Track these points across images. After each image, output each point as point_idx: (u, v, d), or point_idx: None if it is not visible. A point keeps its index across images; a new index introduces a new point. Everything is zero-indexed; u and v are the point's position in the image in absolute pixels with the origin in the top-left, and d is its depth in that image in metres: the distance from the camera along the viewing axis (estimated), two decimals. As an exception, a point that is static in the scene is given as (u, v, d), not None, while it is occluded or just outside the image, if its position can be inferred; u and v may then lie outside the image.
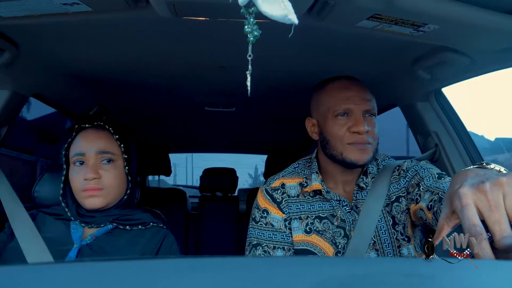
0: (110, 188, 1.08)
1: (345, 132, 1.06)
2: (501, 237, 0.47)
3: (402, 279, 0.37)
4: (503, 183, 0.49)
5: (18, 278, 0.36)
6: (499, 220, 0.48)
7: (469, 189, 0.51)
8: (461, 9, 0.83)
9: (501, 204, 0.48)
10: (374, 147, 1.08)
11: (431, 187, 0.96)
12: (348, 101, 1.06)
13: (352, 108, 1.06)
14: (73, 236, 1.08)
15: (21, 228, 1.06)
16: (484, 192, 0.50)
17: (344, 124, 1.06)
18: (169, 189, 2.89)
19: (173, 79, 1.70)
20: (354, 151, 1.05)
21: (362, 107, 1.06)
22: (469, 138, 1.56)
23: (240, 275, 0.37)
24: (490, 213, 0.48)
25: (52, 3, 0.85)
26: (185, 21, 1.00)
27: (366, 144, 1.05)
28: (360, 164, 1.06)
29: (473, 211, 0.49)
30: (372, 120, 1.08)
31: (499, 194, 0.49)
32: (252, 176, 15.27)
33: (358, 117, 1.05)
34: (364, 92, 1.08)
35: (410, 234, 1.08)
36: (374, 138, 1.07)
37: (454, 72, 1.28)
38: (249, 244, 1.12)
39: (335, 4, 0.85)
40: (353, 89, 1.08)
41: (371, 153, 1.06)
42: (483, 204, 0.49)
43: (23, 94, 1.39)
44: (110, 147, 1.10)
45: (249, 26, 0.48)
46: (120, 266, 0.41)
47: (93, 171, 1.06)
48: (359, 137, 1.04)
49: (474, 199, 0.50)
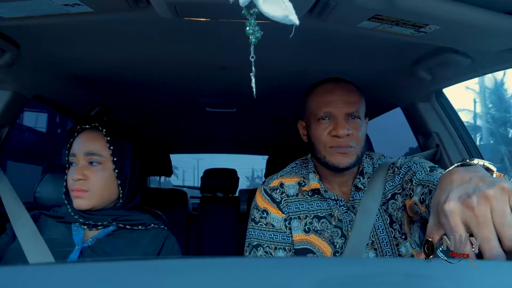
0: (96, 190, 1.08)
1: (327, 135, 1.06)
2: (490, 254, 0.47)
3: (402, 279, 0.37)
4: (490, 197, 0.49)
5: (19, 278, 0.36)
6: (488, 237, 0.48)
7: (455, 205, 0.51)
8: (462, 10, 0.83)
9: (489, 220, 0.48)
10: (359, 150, 1.07)
11: (422, 180, 0.96)
12: (330, 105, 1.06)
13: (333, 111, 1.06)
14: (75, 238, 1.08)
15: (22, 229, 1.06)
16: (471, 208, 0.49)
17: (326, 127, 1.06)
18: (170, 190, 2.88)
19: (174, 80, 1.70)
20: (335, 155, 1.05)
21: (343, 110, 1.05)
22: (470, 138, 1.56)
23: (241, 276, 0.37)
24: (479, 230, 0.48)
25: (53, 4, 0.85)
26: (186, 21, 1.00)
27: (348, 148, 1.05)
28: (341, 167, 1.06)
29: (463, 234, 0.49)
30: (356, 123, 1.07)
31: (487, 209, 0.49)
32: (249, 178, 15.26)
33: (338, 120, 1.05)
34: (348, 95, 1.07)
35: (406, 231, 1.09)
36: (357, 141, 1.06)
37: (455, 73, 1.28)
38: (248, 244, 1.12)
39: (336, 5, 0.85)
40: (336, 92, 1.07)
41: (353, 157, 1.06)
42: (471, 221, 0.49)
43: (24, 95, 1.40)
44: (98, 149, 1.09)
45: (251, 27, 0.48)
46: (121, 266, 0.41)
47: (79, 172, 1.06)
48: (339, 141, 1.04)
49: (462, 217, 0.50)
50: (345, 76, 1.15)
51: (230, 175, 2.93)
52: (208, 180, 2.90)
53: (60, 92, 1.65)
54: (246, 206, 2.58)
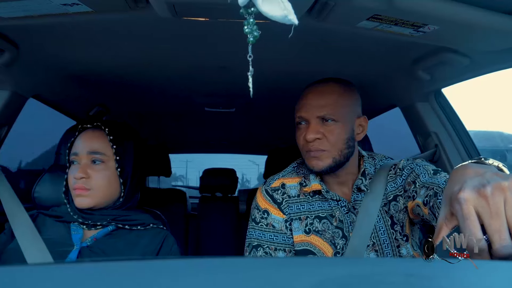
0: (98, 189, 1.08)
1: (302, 140, 1.08)
2: (500, 246, 0.47)
3: (402, 279, 0.37)
4: (504, 188, 0.49)
5: (18, 278, 0.36)
6: (499, 229, 0.47)
7: (470, 193, 0.50)
8: (461, 9, 0.83)
9: (502, 212, 0.48)
10: (335, 153, 1.06)
11: (426, 182, 0.97)
12: (302, 109, 1.07)
13: (304, 116, 1.07)
14: (74, 238, 1.08)
15: (21, 229, 1.06)
16: (485, 197, 0.49)
17: (302, 132, 1.08)
18: (169, 190, 2.88)
19: (173, 80, 1.70)
20: (310, 159, 1.07)
21: (314, 114, 1.05)
22: (469, 138, 1.57)
23: (240, 276, 0.37)
24: (491, 220, 0.48)
25: (52, 4, 0.85)
26: (185, 21, 1.00)
27: (318, 152, 1.05)
28: (316, 170, 1.07)
29: (476, 223, 0.49)
30: (331, 126, 1.05)
31: (500, 200, 0.48)
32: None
33: (310, 125, 1.06)
34: (321, 98, 1.06)
35: (408, 233, 1.09)
36: (331, 144, 1.05)
37: (454, 73, 1.29)
38: (248, 245, 1.12)
39: (335, 4, 0.85)
40: (308, 96, 1.08)
41: (328, 160, 1.05)
42: (484, 211, 0.49)
43: (23, 94, 1.39)
44: (101, 148, 1.09)
45: (249, 26, 0.48)
46: (120, 266, 0.41)
47: (81, 171, 1.06)
48: (309, 145, 1.05)
49: (475, 205, 0.50)
50: (344, 76, 1.15)
51: (230, 175, 2.93)
52: (207, 180, 2.90)
53: (59, 92, 1.65)
54: (245, 206, 2.58)
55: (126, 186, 1.13)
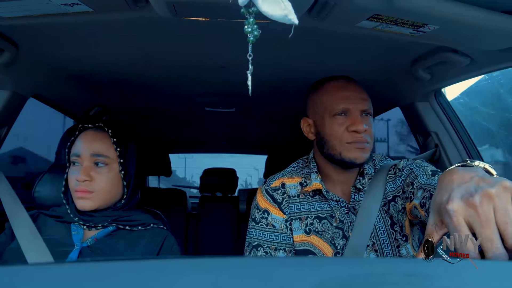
0: (101, 191, 1.06)
1: (344, 131, 1.06)
2: (493, 254, 0.47)
3: (402, 279, 0.37)
4: (492, 196, 0.49)
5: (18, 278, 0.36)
6: (491, 237, 0.48)
7: (458, 204, 0.51)
8: (461, 9, 0.83)
9: (492, 220, 0.48)
10: (371, 146, 1.08)
11: (424, 184, 0.96)
12: (346, 101, 1.06)
13: (350, 107, 1.06)
14: (74, 238, 1.07)
15: (21, 229, 1.05)
16: (474, 207, 0.49)
17: (343, 123, 1.06)
18: (169, 190, 2.88)
19: (173, 79, 1.70)
20: (353, 150, 1.05)
21: (359, 107, 1.06)
22: (469, 138, 1.56)
23: (240, 275, 0.37)
24: (482, 229, 0.48)
25: (52, 4, 0.85)
26: (185, 21, 1.00)
27: (365, 143, 1.06)
28: (358, 163, 1.06)
29: (467, 234, 0.49)
30: (369, 120, 1.08)
31: (489, 208, 0.49)
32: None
33: (356, 116, 1.06)
34: (361, 92, 1.09)
35: (408, 233, 1.09)
36: (371, 137, 1.08)
37: (454, 72, 1.29)
38: (248, 244, 1.12)
39: (335, 4, 0.85)
40: (351, 88, 1.08)
41: (369, 152, 1.07)
42: (474, 220, 0.49)
43: (23, 94, 1.39)
44: (105, 150, 1.08)
45: (249, 26, 0.48)
46: (120, 266, 0.41)
47: (84, 173, 1.04)
48: (358, 136, 1.05)
49: (464, 215, 0.50)
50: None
51: (230, 174, 2.93)
52: (207, 179, 2.90)
53: (59, 91, 1.65)
54: (245, 205, 2.58)
55: (129, 188, 1.12)
